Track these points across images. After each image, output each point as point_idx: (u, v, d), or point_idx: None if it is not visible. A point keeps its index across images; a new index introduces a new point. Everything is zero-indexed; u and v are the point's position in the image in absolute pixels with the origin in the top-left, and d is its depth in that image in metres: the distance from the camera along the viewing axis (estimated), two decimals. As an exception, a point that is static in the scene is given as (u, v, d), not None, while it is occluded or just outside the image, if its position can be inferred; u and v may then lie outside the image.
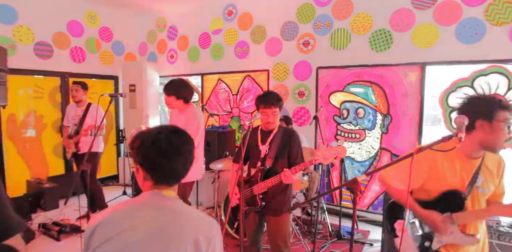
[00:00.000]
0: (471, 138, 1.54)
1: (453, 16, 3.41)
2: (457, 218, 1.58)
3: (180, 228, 0.99)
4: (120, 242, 0.96)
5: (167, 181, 1.09)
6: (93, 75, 5.53)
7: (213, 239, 1.02)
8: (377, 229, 3.72)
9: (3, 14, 4.40)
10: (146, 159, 1.06)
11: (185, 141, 1.10)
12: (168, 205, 1.06)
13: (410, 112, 3.72)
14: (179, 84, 2.91)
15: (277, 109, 2.28)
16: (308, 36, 4.35)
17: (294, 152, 2.30)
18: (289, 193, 2.37)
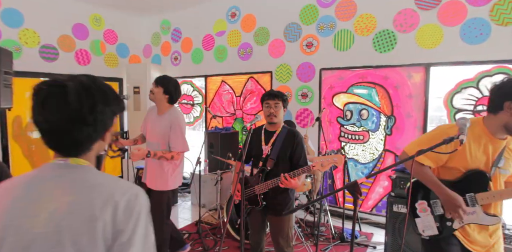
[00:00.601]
0: (497, 119, 1.54)
1: (457, 16, 3.38)
2: (481, 199, 1.58)
3: (92, 205, 0.80)
4: (21, 235, 0.79)
5: (55, 148, 0.90)
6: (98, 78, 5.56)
7: (135, 211, 0.84)
8: (381, 232, 3.68)
9: (10, 18, 4.46)
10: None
11: (59, 109, 0.84)
12: (77, 178, 0.86)
13: (414, 113, 3.68)
14: (172, 81, 2.71)
15: (280, 102, 2.29)
16: (312, 37, 4.34)
17: (297, 154, 2.29)
18: (291, 194, 2.36)
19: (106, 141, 0.96)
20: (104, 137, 0.94)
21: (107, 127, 0.93)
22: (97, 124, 0.88)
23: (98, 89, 0.90)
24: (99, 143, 0.94)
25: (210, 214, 4.23)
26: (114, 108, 0.93)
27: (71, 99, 0.83)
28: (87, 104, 0.85)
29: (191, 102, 5.86)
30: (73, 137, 0.86)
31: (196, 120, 5.84)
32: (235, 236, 3.37)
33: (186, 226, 3.98)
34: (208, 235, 3.64)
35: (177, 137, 2.64)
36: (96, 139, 0.91)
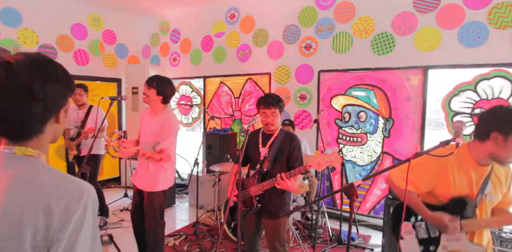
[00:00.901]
0: (482, 147, 1.52)
1: (455, 20, 3.39)
2: (466, 226, 1.56)
3: (22, 209, 0.72)
4: None
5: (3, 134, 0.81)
6: (97, 78, 5.57)
7: (74, 217, 0.73)
8: (378, 234, 3.68)
9: (8, 17, 4.46)
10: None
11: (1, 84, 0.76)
12: (16, 174, 0.78)
13: (412, 116, 3.69)
14: (164, 80, 2.66)
15: (277, 110, 2.27)
16: (310, 39, 4.35)
17: (294, 157, 2.28)
18: (286, 197, 2.35)
19: (62, 124, 0.89)
20: (58, 118, 0.87)
21: (59, 105, 0.85)
22: (48, 100, 0.80)
23: (49, 65, 0.84)
24: (52, 125, 0.86)
25: (208, 216, 4.22)
26: (65, 86, 0.86)
27: (20, 71, 0.77)
28: (37, 77, 0.78)
29: (190, 103, 5.86)
30: (22, 115, 0.78)
31: (194, 121, 5.84)
32: (232, 237, 3.36)
33: (183, 227, 3.97)
34: (206, 236, 3.63)
35: (166, 139, 2.59)
36: (47, 119, 0.83)
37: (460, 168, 1.57)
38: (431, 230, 1.66)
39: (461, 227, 1.56)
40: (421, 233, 1.69)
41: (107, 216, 4.06)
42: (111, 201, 4.70)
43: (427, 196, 1.69)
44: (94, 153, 3.74)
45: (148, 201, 2.69)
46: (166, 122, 2.61)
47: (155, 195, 2.68)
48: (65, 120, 0.92)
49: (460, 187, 1.57)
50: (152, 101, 2.64)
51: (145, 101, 2.67)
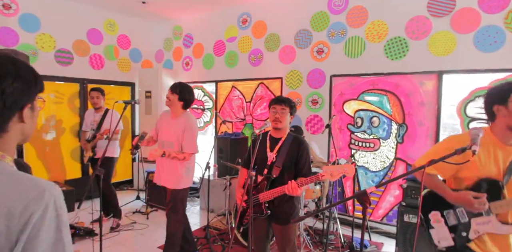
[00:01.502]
0: (498, 125, 1.56)
1: (471, 24, 3.34)
2: (495, 207, 1.55)
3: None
4: None
5: None
6: (111, 82, 5.68)
7: (34, 217, 0.72)
8: (391, 242, 3.61)
9: (27, 23, 4.59)
10: None
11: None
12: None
13: (426, 121, 3.63)
14: (187, 88, 2.94)
15: (287, 108, 2.29)
16: (322, 44, 4.34)
17: (302, 162, 2.26)
18: (296, 203, 2.33)
19: (27, 123, 0.86)
20: (22, 117, 0.84)
21: (21, 103, 0.83)
22: (6, 97, 0.78)
23: (11, 63, 0.82)
24: (16, 124, 0.84)
25: (219, 220, 4.22)
26: (28, 85, 0.84)
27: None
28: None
29: (202, 107, 5.91)
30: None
31: (206, 125, 5.88)
32: (243, 242, 3.36)
33: (194, 231, 3.98)
34: (216, 240, 3.63)
35: (189, 140, 2.87)
36: (8, 117, 0.81)
37: (485, 148, 1.57)
38: (460, 216, 1.65)
39: (490, 209, 1.55)
40: (451, 220, 1.68)
41: (120, 218, 4.10)
42: (123, 203, 4.76)
43: (453, 182, 1.70)
44: (108, 156, 3.81)
45: (173, 198, 2.93)
46: (188, 126, 2.87)
47: (179, 192, 2.93)
48: (33, 120, 0.89)
49: (486, 168, 1.56)
50: (174, 105, 2.92)
51: (168, 104, 2.95)
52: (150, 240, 3.69)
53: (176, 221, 2.96)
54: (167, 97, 2.92)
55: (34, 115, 0.90)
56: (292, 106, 2.34)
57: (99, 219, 2.66)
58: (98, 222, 2.62)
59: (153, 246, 3.53)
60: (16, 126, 0.84)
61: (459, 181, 1.66)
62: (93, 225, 3.85)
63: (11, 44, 4.42)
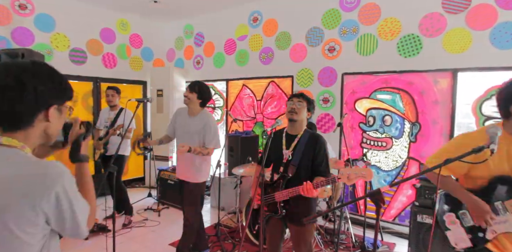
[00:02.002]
0: (511, 122, 1.51)
1: (487, 20, 3.26)
2: (511, 206, 1.51)
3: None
4: None
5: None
6: (123, 80, 5.74)
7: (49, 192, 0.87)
8: (403, 242, 3.57)
9: (42, 23, 4.68)
10: None
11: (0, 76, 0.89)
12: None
13: (440, 120, 3.57)
14: (204, 87, 2.99)
15: (304, 102, 2.24)
16: (334, 41, 4.30)
17: (319, 159, 2.19)
18: (313, 203, 2.27)
19: (52, 122, 0.98)
20: (48, 116, 0.96)
21: (49, 101, 0.95)
22: (37, 94, 0.91)
23: (43, 66, 0.98)
24: (42, 122, 0.96)
25: (229, 218, 4.24)
26: (59, 88, 0.99)
27: (17, 67, 0.91)
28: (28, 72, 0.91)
29: (212, 105, 5.93)
30: (13, 103, 0.89)
31: (217, 123, 5.89)
32: (253, 240, 3.36)
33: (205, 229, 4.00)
34: (227, 238, 3.65)
35: (213, 136, 2.95)
36: (36, 112, 0.93)
37: (498, 145, 1.51)
38: (474, 217, 1.61)
39: (506, 208, 1.52)
40: (466, 221, 1.65)
41: (132, 215, 4.16)
42: (135, 200, 4.82)
43: (466, 181, 1.66)
44: (120, 154, 3.86)
45: (192, 192, 3.01)
46: (209, 122, 2.96)
47: (198, 185, 3.02)
48: (59, 122, 1.02)
49: (499, 165, 1.52)
50: (192, 103, 2.98)
51: (186, 103, 3.00)
52: (161, 237, 3.73)
53: (194, 212, 3.04)
54: (185, 95, 2.97)
55: (61, 117, 1.03)
56: (310, 101, 2.29)
57: (112, 215, 2.70)
58: (111, 218, 2.66)
59: (164, 243, 3.56)
60: (41, 123, 0.96)
61: (472, 181, 1.62)
62: (106, 222, 3.91)
63: (27, 44, 4.51)
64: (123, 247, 3.45)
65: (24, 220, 0.86)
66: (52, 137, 1.04)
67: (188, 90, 2.96)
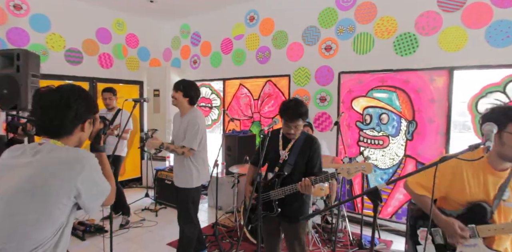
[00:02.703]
0: (491, 154, 1.52)
1: (483, 18, 3.28)
2: (482, 231, 1.52)
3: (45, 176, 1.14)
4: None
5: (44, 132, 1.25)
6: (120, 80, 5.72)
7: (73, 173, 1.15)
8: (400, 239, 3.59)
9: (37, 23, 4.65)
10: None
11: (50, 99, 1.21)
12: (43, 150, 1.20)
13: (437, 118, 3.58)
14: (189, 84, 2.91)
15: (300, 121, 2.20)
16: (330, 40, 4.31)
17: (313, 162, 2.24)
18: (307, 201, 2.31)
19: (86, 132, 1.32)
20: (84, 127, 1.30)
21: (85, 117, 1.29)
22: (78, 111, 1.23)
23: (82, 90, 1.30)
24: (78, 132, 1.29)
25: (227, 217, 4.24)
26: (91, 105, 1.31)
27: (64, 91, 1.23)
28: (73, 95, 1.23)
29: (209, 105, 5.92)
30: (61, 117, 1.21)
31: (214, 123, 5.89)
32: (251, 239, 3.36)
33: (203, 228, 3.98)
34: (225, 237, 3.65)
35: (189, 134, 2.78)
36: (76, 124, 1.26)
37: (475, 173, 1.55)
38: (447, 236, 1.62)
39: (477, 232, 1.53)
40: (437, 239, 1.67)
41: (129, 216, 4.15)
42: (132, 201, 4.81)
43: (443, 202, 1.67)
44: (116, 154, 3.84)
45: (182, 198, 2.86)
46: (192, 120, 2.82)
47: (187, 191, 2.84)
48: (89, 130, 1.35)
49: (475, 192, 1.54)
50: (180, 102, 2.88)
51: (174, 103, 2.91)
52: (159, 237, 3.72)
53: (190, 223, 2.87)
54: (172, 96, 2.90)
55: (91, 127, 1.37)
56: (305, 116, 2.19)
57: (110, 216, 2.69)
58: (109, 219, 2.65)
59: (162, 243, 3.56)
60: (78, 133, 1.29)
61: (449, 203, 1.64)
62: (104, 222, 3.90)
63: (22, 44, 4.48)
64: (120, 247, 3.44)
65: (63, 192, 1.13)
66: (82, 144, 1.34)
67: (174, 90, 2.88)
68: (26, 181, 1.11)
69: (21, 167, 1.15)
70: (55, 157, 1.17)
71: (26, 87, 3.54)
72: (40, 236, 1.11)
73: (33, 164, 1.15)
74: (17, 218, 1.09)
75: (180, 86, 2.86)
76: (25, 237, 1.09)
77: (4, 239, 1.08)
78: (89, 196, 1.20)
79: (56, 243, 1.17)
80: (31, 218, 1.09)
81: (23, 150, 1.21)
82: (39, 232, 1.11)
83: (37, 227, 1.10)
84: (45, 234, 1.12)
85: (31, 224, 1.09)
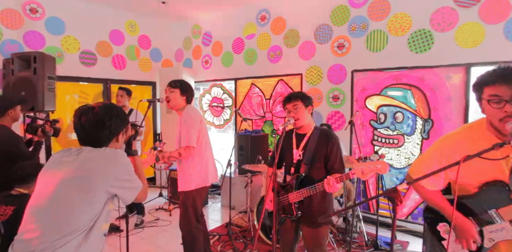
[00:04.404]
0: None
1: (501, 13, 3.19)
2: (506, 213, 1.44)
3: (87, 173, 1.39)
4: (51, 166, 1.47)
5: (84, 143, 1.50)
6: (133, 81, 5.79)
7: (112, 174, 1.39)
8: (417, 240, 3.52)
9: (53, 26, 4.74)
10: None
11: (88, 118, 1.46)
12: (84, 153, 1.45)
13: (453, 116, 3.50)
14: (186, 83, 2.80)
15: (298, 102, 2.13)
16: (343, 38, 4.26)
17: (332, 157, 2.09)
18: (327, 203, 2.19)
19: (120, 142, 1.58)
20: (118, 139, 1.56)
21: (118, 131, 1.55)
22: (112, 128, 1.50)
23: (115, 108, 1.55)
24: (113, 143, 1.54)
25: (240, 217, 4.24)
26: (122, 121, 1.55)
27: (99, 112, 1.48)
28: (107, 115, 1.49)
29: (221, 105, 5.93)
30: (98, 135, 1.48)
31: (226, 122, 5.90)
32: (265, 240, 3.35)
33: (216, 228, 4.02)
34: (238, 237, 3.65)
35: (183, 132, 2.62)
36: (111, 138, 1.53)
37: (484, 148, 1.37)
38: (457, 236, 1.55)
39: (500, 215, 1.45)
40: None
41: (143, 215, 4.19)
42: (146, 200, 4.86)
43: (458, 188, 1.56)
44: (131, 154, 3.88)
45: (182, 202, 2.74)
46: (183, 116, 2.68)
47: (186, 194, 2.70)
48: (123, 140, 1.61)
49: (489, 172, 1.43)
50: (176, 103, 2.73)
51: (170, 106, 2.75)
52: (173, 237, 3.75)
53: (191, 228, 2.71)
54: (166, 97, 2.73)
55: (124, 137, 1.62)
56: (302, 97, 2.17)
57: (126, 215, 2.72)
58: (124, 218, 2.68)
59: (176, 243, 3.58)
60: (113, 143, 1.55)
61: (460, 187, 1.53)
62: (119, 222, 3.95)
63: (38, 47, 4.58)
64: (135, 247, 3.48)
65: (101, 182, 1.36)
66: (119, 147, 1.58)
67: (169, 87, 2.73)
68: (72, 171, 1.36)
69: (68, 162, 1.40)
70: (95, 155, 1.43)
71: (43, 89, 3.62)
72: (77, 221, 1.30)
73: (77, 159, 1.40)
74: (62, 203, 1.31)
75: (177, 83, 2.73)
76: (65, 222, 1.29)
77: (49, 223, 1.29)
78: (122, 189, 1.44)
79: (87, 234, 1.33)
80: (74, 203, 1.31)
81: (70, 151, 1.47)
82: (78, 216, 1.31)
83: (78, 211, 1.31)
84: (82, 220, 1.31)
85: (72, 207, 1.31)
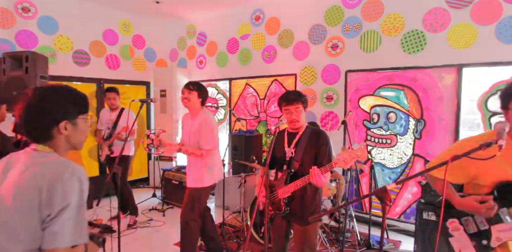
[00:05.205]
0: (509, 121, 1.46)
1: (492, 15, 3.22)
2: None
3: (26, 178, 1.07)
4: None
5: (27, 136, 1.16)
6: (127, 81, 5.76)
7: (54, 188, 1.03)
8: (409, 240, 3.54)
9: (45, 25, 4.70)
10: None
11: (27, 100, 1.12)
12: (30, 157, 1.14)
13: (445, 116, 3.53)
14: (201, 84, 2.92)
15: (300, 105, 2.18)
16: (337, 39, 4.28)
17: (321, 153, 2.14)
18: (317, 202, 2.23)
19: (63, 133, 1.15)
20: (59, 128, 1.13)
21: (56, 118, 1.12)
22: (44, 113, 1.11)
23: (52, 90, 1.17)
24: (58, 134, 1.14)
25: (234, 217, 4.23)
26: (67, 103, 1.15)
27: (31, 96, 1.11)
28: (40, 97, 1.12)
29: (216, 105, 5.92)
30: (30, 123, 1.12)
31: (220, 122, 5.89)
32: (258, 239, 3.36)
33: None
34: (232, 237, 3.64)
35: (205, 135, 2.80)
36: (49, 127, 1.12)
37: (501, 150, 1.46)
38: (479, 224, 1.57)
39: (510, 215, 1.47)
40: (470, 228, 1.61)
41: (137, 215, 4.17)
42: (140, 201, 4.83)
43: (471, 188, 1.62)
44: (124, 154, 3.86)
45: (189, 197, 2.85)
46: (204, 121, 2.81)
47: (195, 191, 2.85)
48: (78, 133, 1.20)
49: (503, 170, 1.47)
50: (193, 103, 2.85)
51: (187, 105, 2.87)
52: (166, 237, 3.74)
53: (195, 216, 2.84)
54: (185, 97, 2.83)
55: (79, 129, 1.19)
56: (304, 100, 2.22)
57: (117, 216, 2.70)
58: (116, 219, 2.66)
59: (169, 243, 3.57)
60: (58, 135, 1.15)
61: (475, 187, 1.58)
62: (111, 222, 3.92)
63: (30, 46, 4.54)
64: (128, 247, 3.46)
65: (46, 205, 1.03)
66: (78, 146, 1.24)
67: (187, 89, 2.83)
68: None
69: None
70: (36, 170, 1.09)
71: (35, 88, 3.58)
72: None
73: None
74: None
75: (195, 86, 2.85)
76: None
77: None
78: (52, 221, 1.05)
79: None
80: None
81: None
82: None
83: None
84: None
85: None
